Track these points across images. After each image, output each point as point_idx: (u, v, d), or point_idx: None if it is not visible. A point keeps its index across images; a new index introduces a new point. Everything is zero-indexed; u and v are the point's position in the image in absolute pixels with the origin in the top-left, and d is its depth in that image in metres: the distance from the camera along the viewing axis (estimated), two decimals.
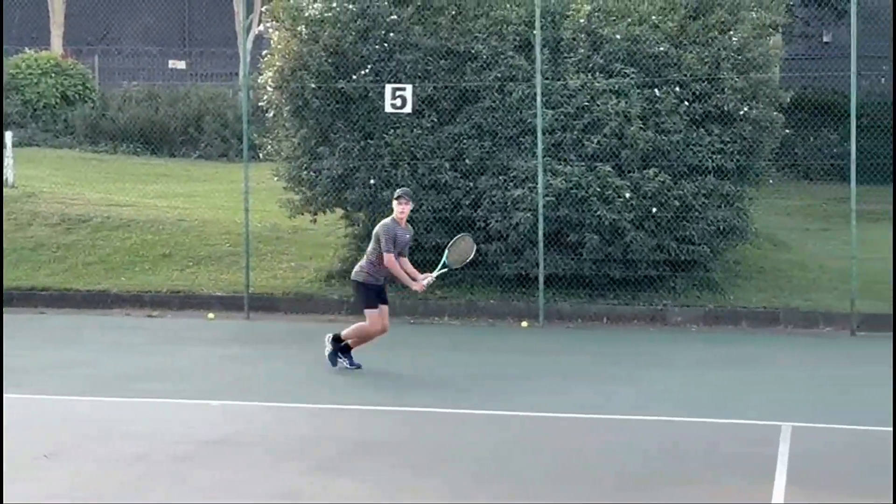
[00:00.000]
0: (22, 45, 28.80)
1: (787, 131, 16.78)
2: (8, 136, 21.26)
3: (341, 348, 12.30)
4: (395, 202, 12.27)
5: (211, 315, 15.99)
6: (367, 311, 12.25)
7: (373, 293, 12.24)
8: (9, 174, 20.75)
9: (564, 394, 11.42)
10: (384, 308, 12.30)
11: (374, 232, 12.28)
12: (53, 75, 27.15)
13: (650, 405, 10.89)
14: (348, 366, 12.25)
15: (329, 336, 12.36)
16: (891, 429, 9.97)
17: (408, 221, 12.35)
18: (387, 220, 12.27)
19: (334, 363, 12.28)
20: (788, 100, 16.48)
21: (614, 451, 9.27)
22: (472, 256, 12.88)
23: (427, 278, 12.32)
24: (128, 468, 8.51)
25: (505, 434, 9.91)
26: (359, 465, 8.73)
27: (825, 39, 30.25)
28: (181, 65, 30.53)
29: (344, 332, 12.29)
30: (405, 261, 12.35)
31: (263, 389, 11.55)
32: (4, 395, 10.65)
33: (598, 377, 12.37)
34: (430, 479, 8.38)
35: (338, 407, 10.79)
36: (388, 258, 12.02)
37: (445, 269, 12.62)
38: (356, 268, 12.46)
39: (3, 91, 22.93)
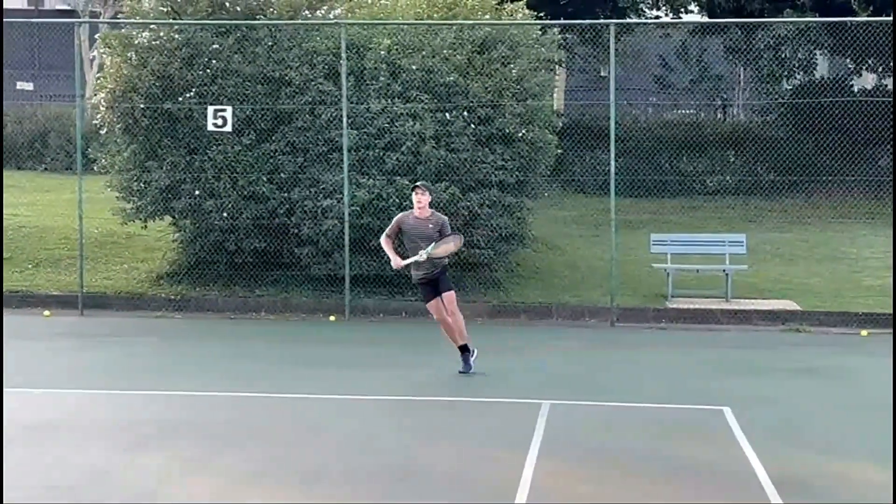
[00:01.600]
0: None
1: (561, 151, 17.18)
2: None
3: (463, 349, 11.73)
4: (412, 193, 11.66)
5: (47, 312, 15.49)
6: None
7: (421, 288, 11.85)
8: None
9: (355, 379, 11.42)
10: (432, 302, 11.67)
11: None
12: None
13: (431, 387, 11.00)
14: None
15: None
16: (635, 404, 10.33)
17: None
18: (406, 211, 11.83)
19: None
20: (561, 124, 16.87)
21: (392, 428, 9.32)
22: (457, 249, 12.04)
23: (406, 261, 11.63)
24: None
25: (301, 415, 9.86)
26: (164, 444, 8.58)
27: (602, 74, 31.07)
28: (29, 86, 29.49)
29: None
30: (458, 237, 11.66)
31: (86, 378, 11.25)
32: None
33: (393, 363, 12.43)
34: (231, 455, 8.29)
35: (149, 393, 10.57)
36: (382, 238, 11.76)
37: (425, 257, 11.48)
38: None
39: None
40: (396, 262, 11.69)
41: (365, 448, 8.60)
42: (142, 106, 15.86)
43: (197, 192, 15.93)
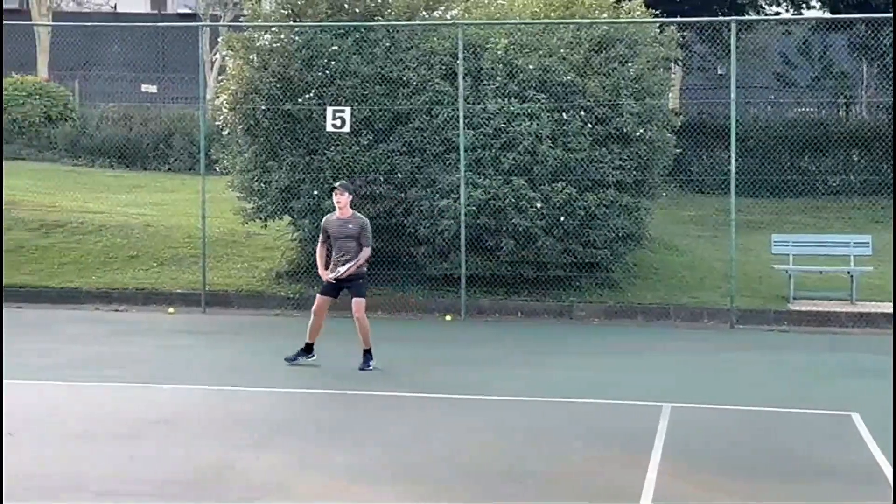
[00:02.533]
0: (9, 70, 28.40)
1: (679, 151, 16.90)
2: None
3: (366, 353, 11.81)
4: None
5: (171, 310, 15.83)
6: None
7: (328, 284, 11.86)
8: None
9: (477, 378, 11.40)
10: (323, 298, 11.87)
11: None
12: (38, 97, 26.81)
13: (552, 389, 10.89)
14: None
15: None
16: (758, 408, 10.08)
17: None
18: (329, 214, 11.99)
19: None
20: (679, 123, 16.59)
21: (515, 431, 9.26)
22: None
23: (334, 273, 11.76)
24: (79, 445, 8.38)
25: (422, 414, 9.86)
26: (281, 441, 8.65)
27: (720, 72, 30.53)
28: (153, 88, 30.25)
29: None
30: (364, 251, 11.76)
31: (211, 375, 11.43)
32: None
33: (510, 363, 12.37)
34: (349, 454, 8.32)
35: (269, 390, 10.69)
36: (317, 248, 11.88)
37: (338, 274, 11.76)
38: None
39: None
40: (325, 275, 11.77)
41: (480, 448, 8.54)
42: (263, 107, 16.09)
43: (315, 192, 16.08)
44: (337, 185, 11.92)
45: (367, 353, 11.80)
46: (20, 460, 7.86)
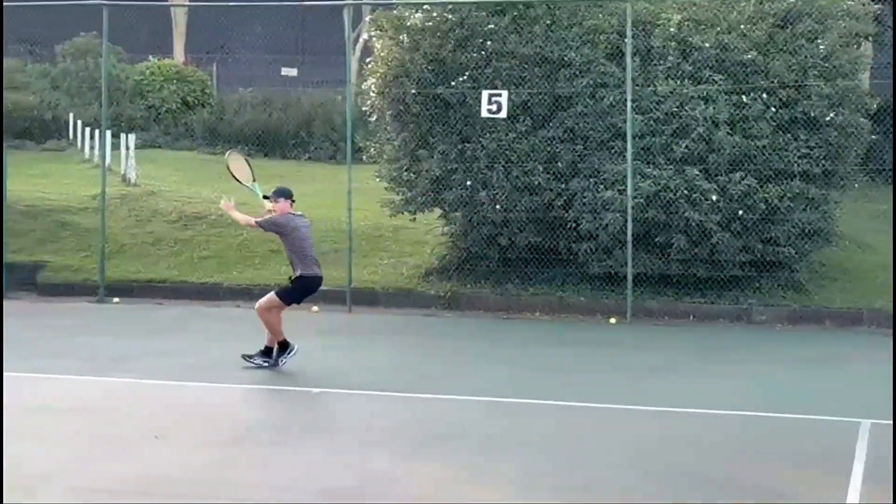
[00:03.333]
0: (146, 54, 29.32)
1: (874, 137, 16.37)
2: (132, 138, 21.68)
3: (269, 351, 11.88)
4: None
5: (315, 308, 16.06)
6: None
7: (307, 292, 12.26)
8: (131, 173, 21.16)
9: (650, 387, 11.24)
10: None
11: None
12: (175, 82, 27.62)
13: (733, 400, 10.64)
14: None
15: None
16: None
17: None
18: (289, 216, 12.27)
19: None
20: (875, 106, 16.06)
21: (696, 444, 9.08)
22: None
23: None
24: (229, 449, 8.56)
25: (588, 424, 9.76)
26: (439, 451, 8.66)
27: None
28: (293, 72, 30.78)
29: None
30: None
31: (360, 379, 11.54)
32: (109, 378, 10.88)
33: (684, 372, 12.16)
34: (506, 465, 8.29)
35: (422, 396, 10.72)
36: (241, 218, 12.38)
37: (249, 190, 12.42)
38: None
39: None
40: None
41: (648, 463, 8.39)
42: (413, 91, 16.20)
43: (469, 183, 16.12)
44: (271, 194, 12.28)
45: (269, 352, 11.83)
46: (169, 464, 8.06)
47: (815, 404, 10.54)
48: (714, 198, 15.25)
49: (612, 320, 15.48)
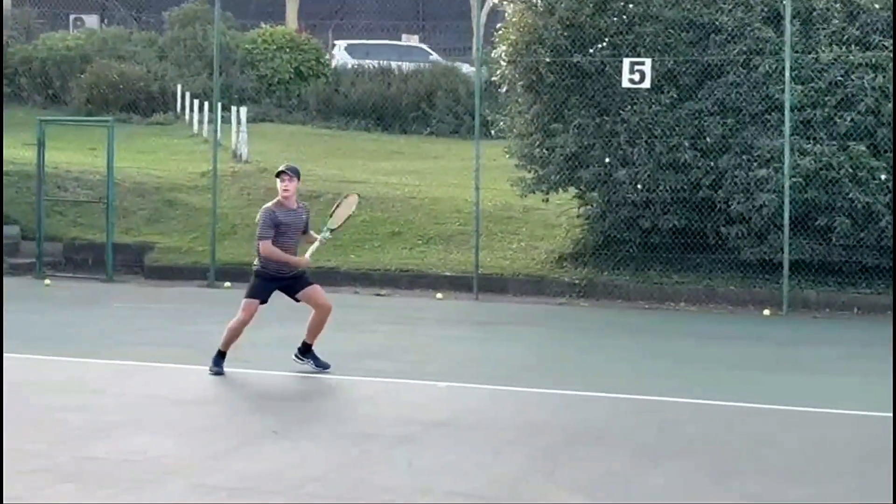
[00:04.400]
0: (258, 21, 29.80)
1: None
2: (243, 111, 22.08)
3: (302, 351, 11.44)
4: (276, 179, 11.23)
5: (439, 295, 16.22)
6: (244, 300, 11.25)
7: (265, 285, 11.23)
8: (242, 149, 21.57)
9: (809, 387, 11.07)
10: (261, 303, 11.24)
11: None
12: (288, 50, 28.04)
13: None
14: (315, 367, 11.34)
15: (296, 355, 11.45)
16: None
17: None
18: (267, 204, 11.27)
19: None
20: None
21: (863, 454, 8.92)
22: (354, 209, 11.89)
23: (309, 250, 11.37)
24: (353, 447, 8.68)
25: (743, 426, 9.66)
26: (579, 452, 8.66)
27: None
28: (415, 39, 31.00)
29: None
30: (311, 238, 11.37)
31: (490, 372, 11.59)
32: (232, 370, 11.11)
33: (848, 371, 11.95)
34: (657, 469, 8.25)
35: (557, 392, 10.72)
36: (265, 245, 11.02)
37: (330, 235, 11.64)
38: None
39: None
40: (303, 261, 11.21)
41: (821, 470, 8.28)
42: (547, 60, 16.20)
43: (607, 160, 16.09)
44: (286, 169, 11.31)
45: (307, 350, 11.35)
46: (293, 462, 8.21)
47: None
48: (883, 177, 15.01)
49: (766, 312, 15.30)
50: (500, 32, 17.03)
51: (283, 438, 8.86)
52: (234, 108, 22.25)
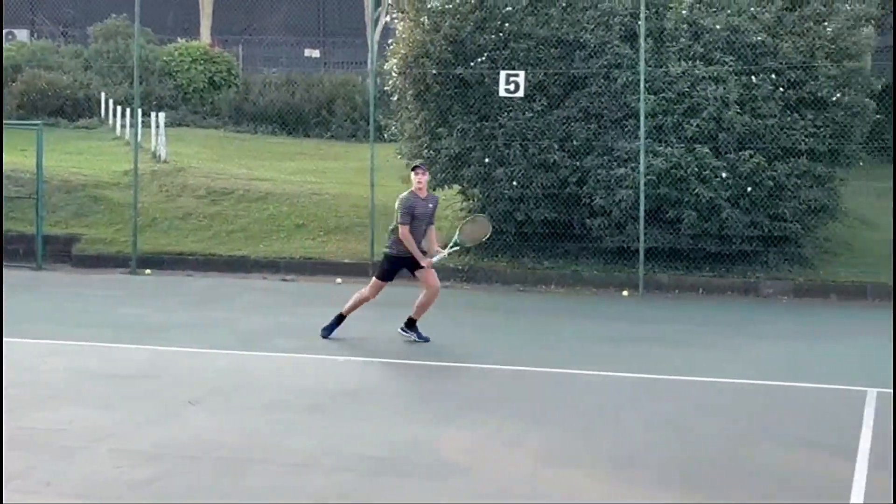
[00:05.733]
0: (175, 36, 29.29)
1: (879, 117, 16.30)
2: (161, 116, 21.68)
3: (408, 325, 11.63)
4: (411, 173, 11.43)
5: (339, 280, 16.11)
6: (374, 279, 11.61)
7: (393, 266, 11.50)
8: (161, 150, 21.18)
9: (662, 358, 11.23)
10: (384, 283, 11.52)
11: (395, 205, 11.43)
12: (202, 63, 27.60)
13: (743, 370, 10.64)
14: (417, 338, 11.55)
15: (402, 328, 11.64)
16: None
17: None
18: (404, 193, 11.36)
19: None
20: (880, 87, 15.99)
21: (709, 412, 9.08)
22: (486, 236, 11.98)
23: (437, 256, 11.51)
24: (263, 416, 8.59)
25: (608, 394, 9.77)
26: (469, 419, 8.68)
27: None
28: (316, 53, 30.76)
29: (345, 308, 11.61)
30: (431, 230, 11.55)
31: (385, 348, 11.56)
32: (152, 347, 10.92)
33: (695, 343, 12.15)
34: (538, 432, 8.30)
35: (447, 364, 10.73)
36: (403, 231, 11.21)
37: (457, 248, 11.84)
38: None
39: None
40: (426, 261, 11.35)
41: (666, 431, 8.40)
42: (433, 72, 16.16)
43: (487, 160, 16.11)
44: (420, 164, 11.56)
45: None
46: (209, 429, 8.10)
47: (823, 374, 10.54)
48: (724, 175, 15.21)
49: (625, 293, 15.47)
50: (392, 47, 16.95)
51: (199, 409, 8.74)
52: (153, 114, 21.85)
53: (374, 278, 11.67)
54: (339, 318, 11.74)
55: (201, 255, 17.05)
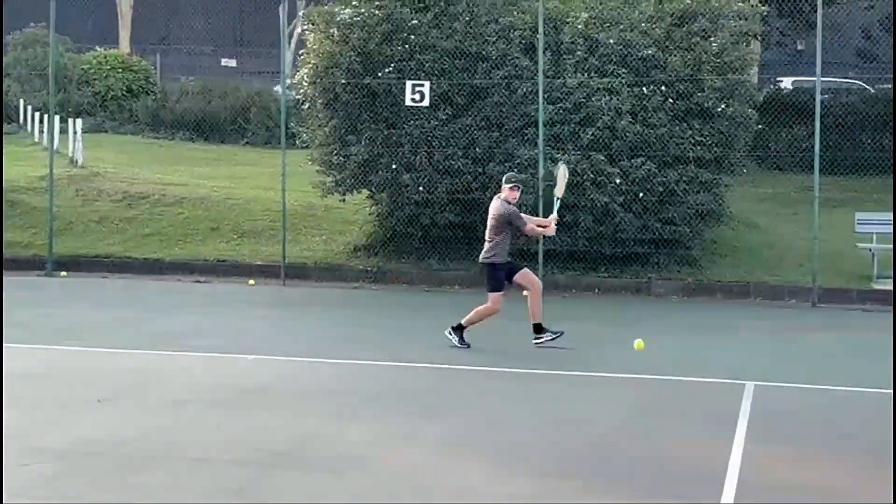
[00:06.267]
0: (93, 45, 28.80)
1: (760, 127, 16.65)
2: (79, 122, 21.31)
3: (454, 328, 11.64)
4: (506, 186, 11.47)
5: (251, 281, 15.98)
6: (491, 294, 11.60)
7: (501, 274, 11.60)
8: (79, 156, 20.81)
9: (557, 354, 11.33)
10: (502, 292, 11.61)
11: (498, 215, 11.48)
12: (121, 71, 27.17)
13: (632, 365, 10.78)
14: (458, 344, 11.50)
15: (450, 330, 11.59)
16: (841, 388, 9.90)
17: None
18: (503, 202, 11.45)
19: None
20: (761, 99, 16.33)
21: (597, 405, 9.19)
22: (567, 176, 12.25)
23: (552, 219, 11.87)
24: (170, 412, 8.49)
25: (502, 388, 9.83)
26: (368, 413, 8.67)
27: (799, 47, 29.93)
28: (232, 63, 30.48)
29: (465, 319, 11.59)
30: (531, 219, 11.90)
31: (293, 346, 11.50)
32: (63, 347, 10.73)
33: (587, 340, 12.27)
34: (434, 426, 8.33)
35: (351, 362, 10.71)
36: (531, 227, 11.71)
37: (559, 203, 12.08)
38: (484, 253, 11.72)
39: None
40: (552, 224, 11.87)
41: (557, 423, 8.49)
42: (343, 81, 16.11)
43: (394, 166, 16.09)
44: (515, 181, 11.64)
45: (459, 329, 11.61)
46: (115, 426, 7.98)
47: (706, 368, 10.71)
48: (617, 181, 15.39)
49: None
50: (303, 58, 16.85)
51: (107, 406, 8.62)
52: (70, 121, 21.46)
53: (490, 294, 11.53)
54: (460, 328, 11.56)
55: (117, 257, 16.79)
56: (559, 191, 12.11)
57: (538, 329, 11.63)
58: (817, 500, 6.88)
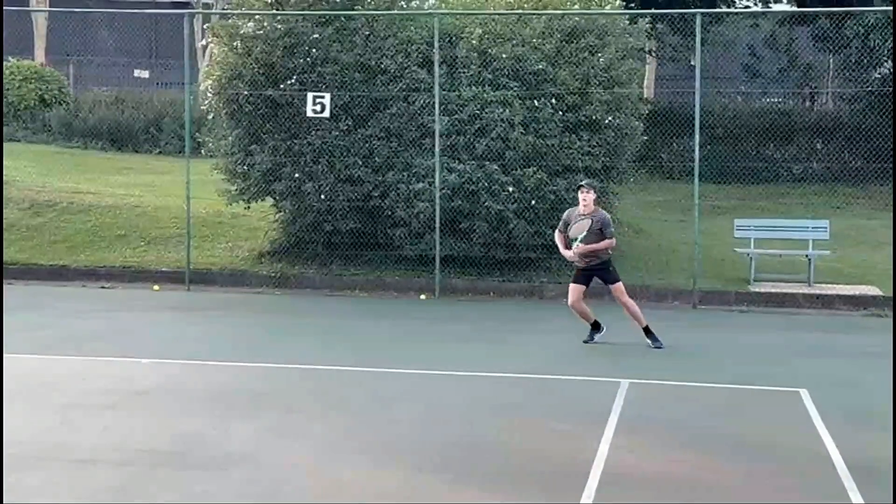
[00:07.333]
0: (6, 55, 28.20)
1: (646, 138, 16.94)
2: None
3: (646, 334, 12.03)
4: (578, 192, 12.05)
5: (156, 287, 15.81)
6: (615, 285, 12.14)
7: (578, 274, 12.17)
8: None
9: (453, 354, 11.42)
10: (572, 286, 12.18)
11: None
12: (34, 81, 26.61)
13: (519, 364, 10.91)
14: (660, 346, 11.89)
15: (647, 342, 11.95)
16: (714, 385, 10.14)
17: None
18: (573, 207, 12.25)
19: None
20: (647, 111, 16.62)
21: (482, 403, 9.29)
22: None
23: (574, 248, 12.06)
24: (58, 415, 8.39)
25: (395, 387, 9.89)
26: (255, 413, 8.67)
27: (692, 63, 30.50)
28: (145, 74, 30.09)
29: (641, 324, 12.04)
30: (606, 241, 12.00)
31: (191, 349, 11.42)
32: None
33: (480, 340, 12.40)
34: (321, 425, 8.35)
35: (247, 364, 10.68)
36: (556, 233, 12.28)
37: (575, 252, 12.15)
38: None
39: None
40: (567, 253, 12.16)
41: (444, 420, 8.59)
42: (246, 93, 16.04)
43: (296, 175, 16.06)
44: (584, 183, 12.16)
45: (647, 331, 12.00)
46: (13, 428, 7.86)
47: (586, 367, 10.90)
48: (511, 189, 15.54)
49: (423, 297, 15.64)
50: (207, 69, 16.75)
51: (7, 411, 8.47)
52: None
53: (616, 284, 12.12)
54: (595, 326, 12.22)
55: (23, 264, 16.48)
56: (580, 248, 12.16)
57: (648, 332, 12.04)
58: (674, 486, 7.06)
